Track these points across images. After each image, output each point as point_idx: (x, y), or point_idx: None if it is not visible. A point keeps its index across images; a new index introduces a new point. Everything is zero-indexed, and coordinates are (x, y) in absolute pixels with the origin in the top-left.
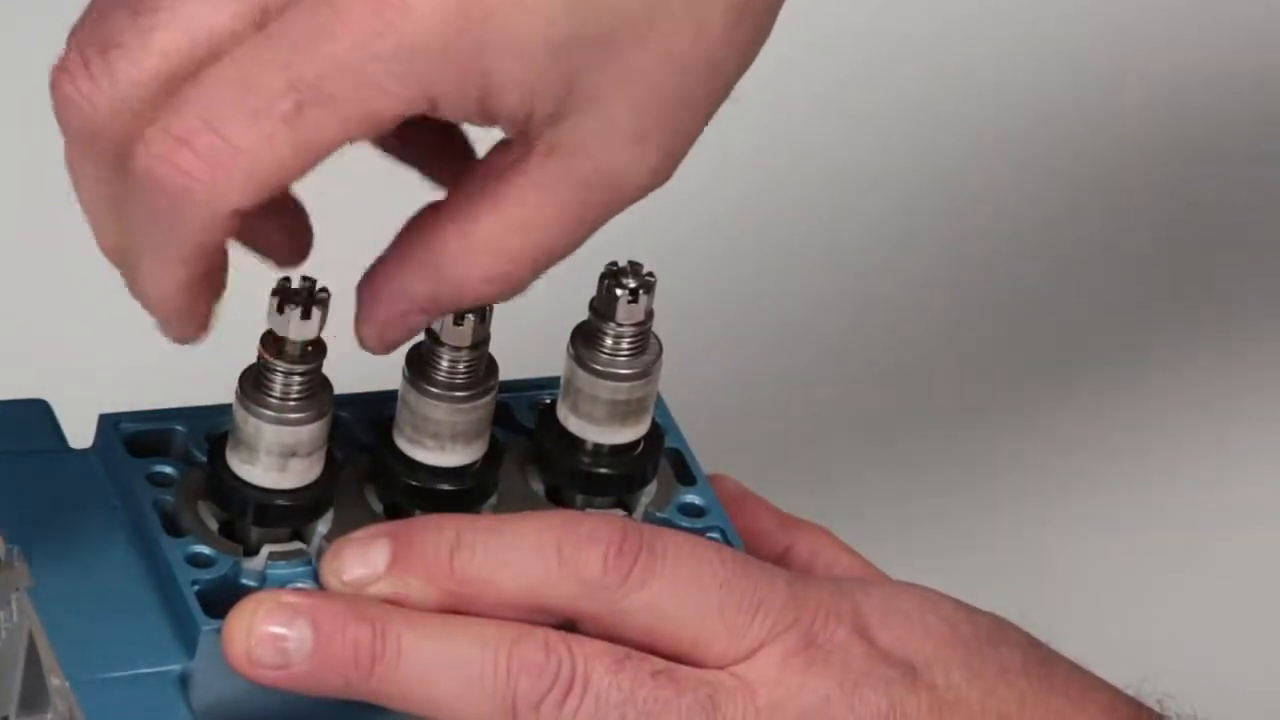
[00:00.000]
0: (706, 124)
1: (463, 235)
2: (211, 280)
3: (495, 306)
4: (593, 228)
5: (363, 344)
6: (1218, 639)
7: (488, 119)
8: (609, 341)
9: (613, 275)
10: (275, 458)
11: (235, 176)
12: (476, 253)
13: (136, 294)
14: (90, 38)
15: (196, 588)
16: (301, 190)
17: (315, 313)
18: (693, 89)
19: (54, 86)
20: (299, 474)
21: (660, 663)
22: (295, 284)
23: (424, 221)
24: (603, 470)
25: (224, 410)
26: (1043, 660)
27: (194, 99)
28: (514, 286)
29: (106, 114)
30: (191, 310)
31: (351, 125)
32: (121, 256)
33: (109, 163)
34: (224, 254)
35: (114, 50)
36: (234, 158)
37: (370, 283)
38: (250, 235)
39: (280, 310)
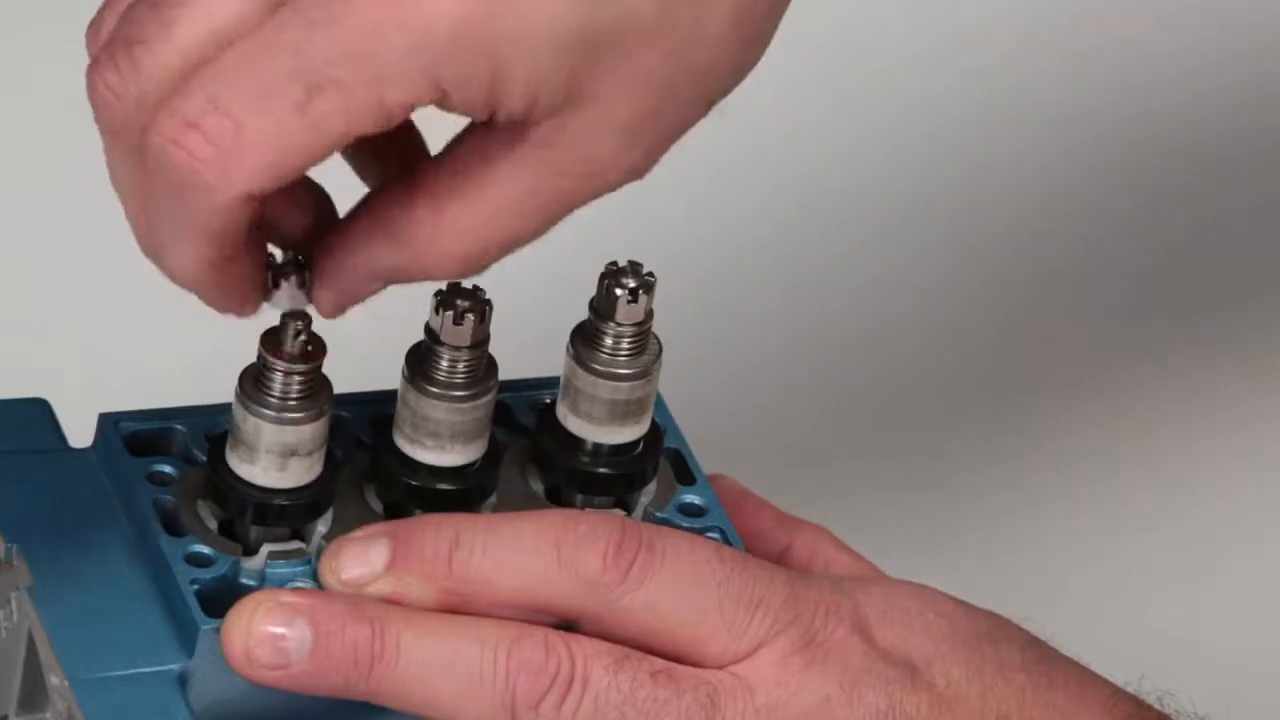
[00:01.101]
0: (691, 126)
1: (438, 214)
2: (240, 259)
3: (495, 306)
4: (561, 217)
5: (318, 310)
6: (1217, 635)
7: (487, 111)
8: (609, 341)
9: (612, 275)
10: (275, 457)
11: (244, 160)
12: (451, 232)
13: (168, 275)
14: (117, 35)
15: (196, 587)
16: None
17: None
18: (688, 91)
19: (88, 85)
20: (299, 474)
21: (659, 662)
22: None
23: (393, 198)
24: (602, 470)
25: (224, 410)
26: (1042, 658)
27: (204, 83)
28: (479, 268)
29: (133, 107)
30: (224, 288)
31: (363, 114)
32: (151, 242)
33: (142, 158)
34: (251, 232)
35: (138, 46)
36: (242, 141)
37: (332, 251)
38: (273, 220)
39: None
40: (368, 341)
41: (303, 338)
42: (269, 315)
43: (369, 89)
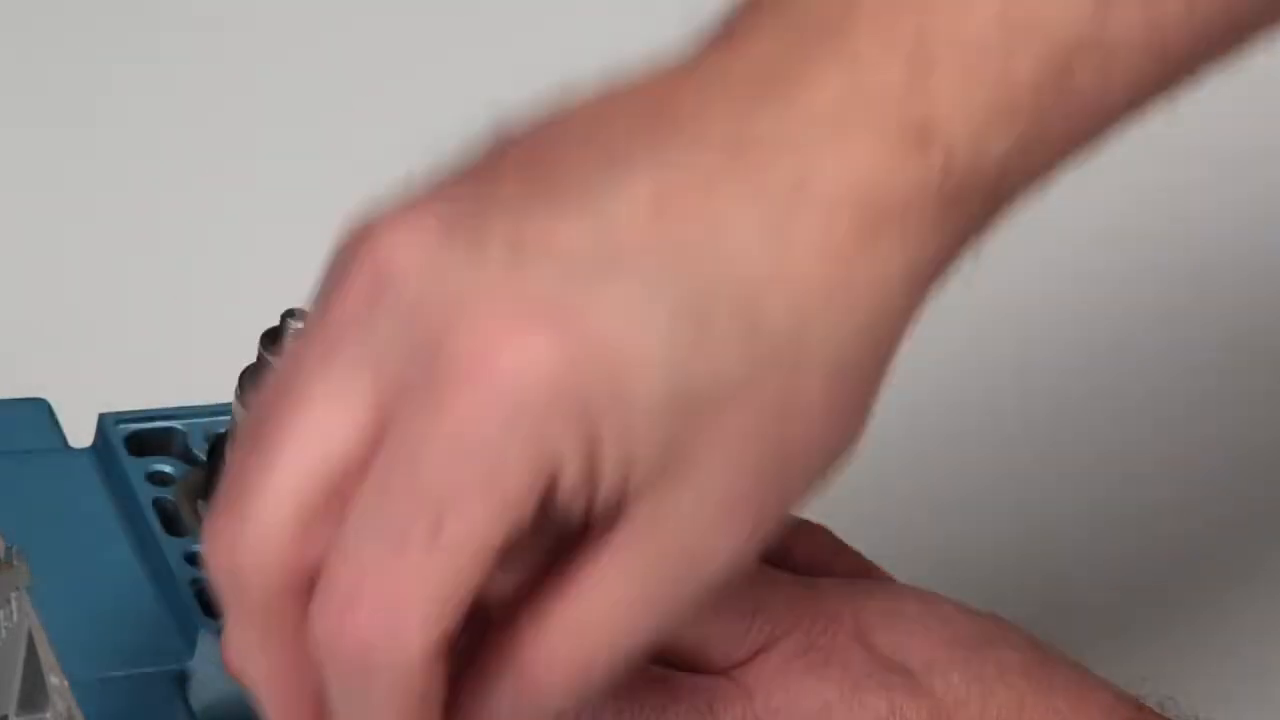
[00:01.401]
0: (798, 506)
1: (538, 627)
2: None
3: None
4: (675, 614)
5: None
6: (1219, 641)
7: (587, 489)
8: None
9: None
10: None
11: (409, 617)
12: (555, 644)
13: None
14: (227, 493)
15: (196, 587)
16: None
17: None
18: (789, 460)
19: (205, 549)
20: None
21: (655, 671)
22: None
23: (496, 634)
24: None
25: (224, 410)
26: (1043, 661)
27: (339, 553)
28: (594, 678)
29: (250, 565)
30: None
31: (492, 520)
32: None
33: (268, 627)
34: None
35: (245, 496)
36: (398, 601)
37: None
38: None
39: None
40: None
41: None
42: (269, 315)
43: (488, 489)
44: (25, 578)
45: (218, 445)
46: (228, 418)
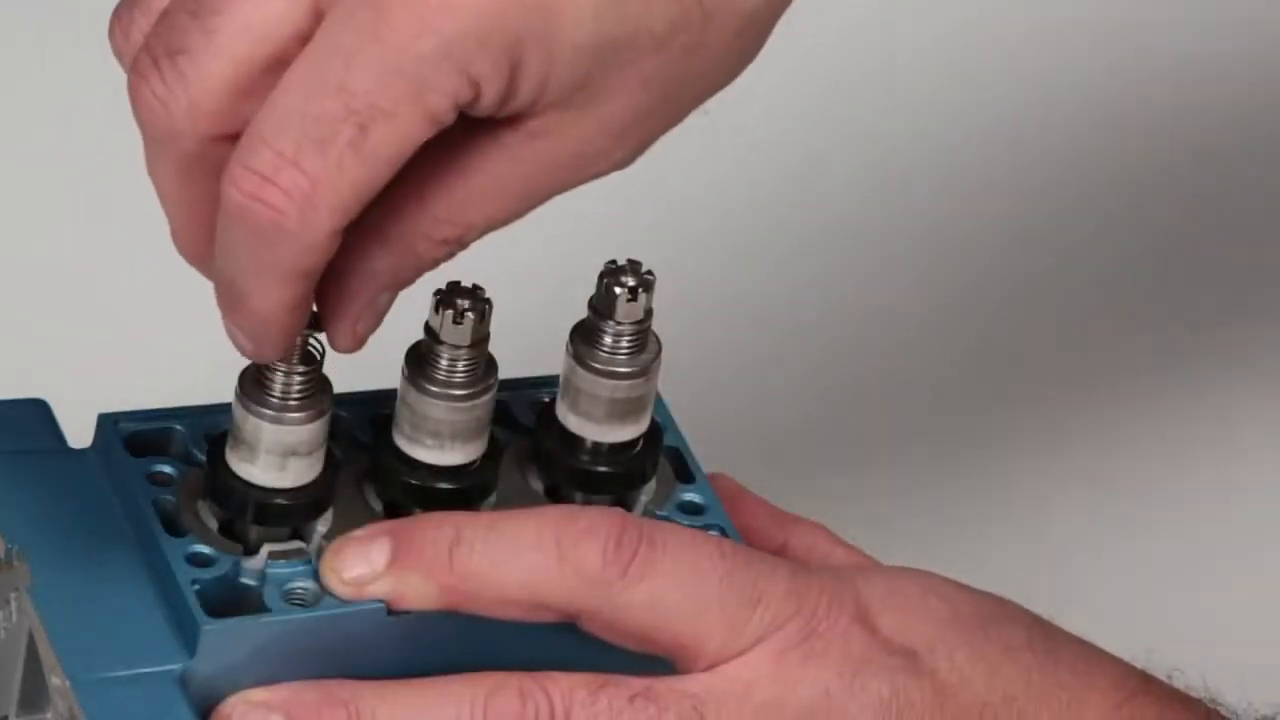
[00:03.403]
0: (676, 125)
1: (423, 205)
2: (309, 300)
3: (495, 305)
4: (537, 204)
5: (337, 345)
6: (1225, 614)
7: (496, 106)
8: (608, 340)
9: (612, 273)
10: (275, 457)
11: (320, 205)
12: (439, 221)
13: (233, 312)
14: (157, 42)
15: (196, 587)
16: None
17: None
18: (683, 95)
19: (131, 92)
20: (298, 473)
21: (637, 683)
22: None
23: (378, 204)
24: (602, 468)
25: (223, 410)
26: (1047, 636)
27: (266, 131)
28: (460, 249)
29: (182, 118)
30: (288, 330)
31: (414, 130)
32: (212, 271)
33: (188, 165)
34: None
35: (181, 55)
36: (314, 188)
37: (335, 278)
38: None
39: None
40: (368, 341)
41: (302, 338)
42: None
43: (414, 105)
44: (25, 578)
45: (217, 445)
46: (227, 417)
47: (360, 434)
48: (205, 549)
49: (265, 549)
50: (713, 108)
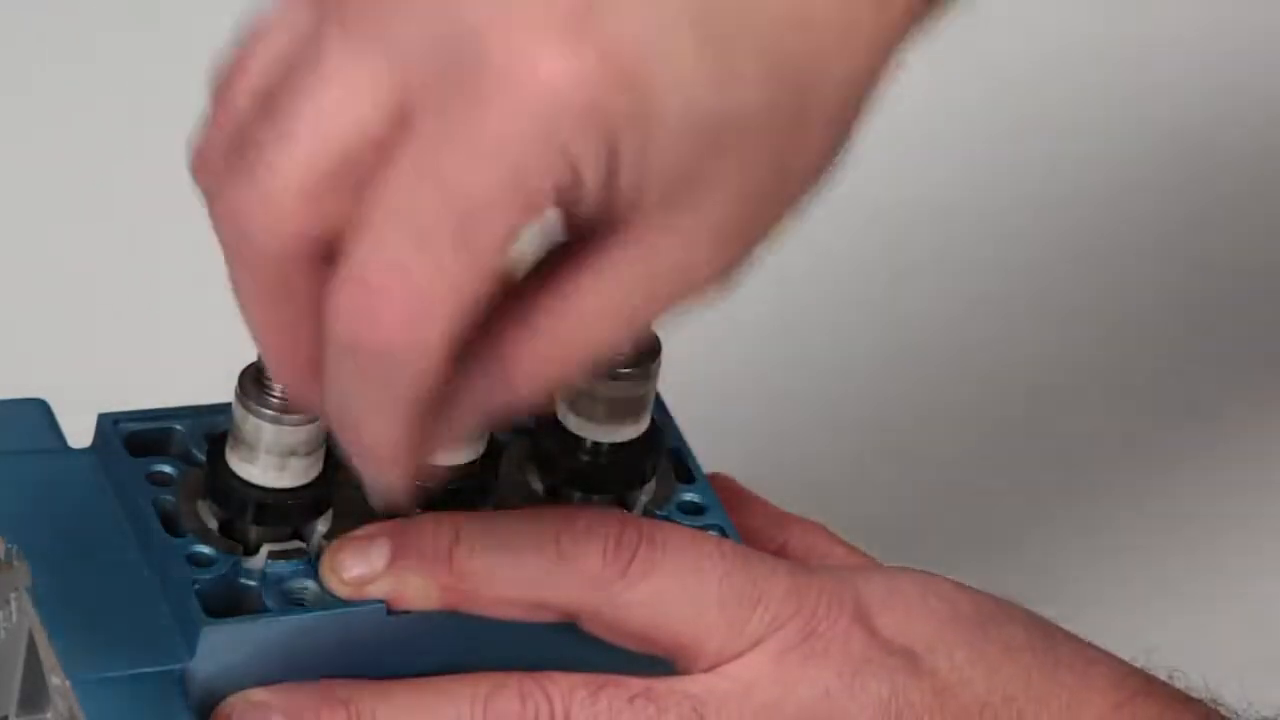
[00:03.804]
0: (774, 233)
1: (523, 327)
2: (431, 416)
3: None
4: (648, 324)
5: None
6: (1225, 614)
7: (599, 198)
8: None
9: None
10: (275, 457)
11: (436, 318)
12: (539, 343)
13: (355, 448)
14: (235, 158)
15: (196, 587)
16: None
17: None
18: (784, 190)
19: (213, 218)
20: (298, 473)
21: (637, 684)
22: None
23: (481, 328)
24: (602, 469)
25: (223, 410)
26: (1047, 635)
27: (365, 240)
28: (568, 377)
29: (259, 224)
30: (413, 454)
31: (517, 217)
32: (323, 407)
33: (274, 278)
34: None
35: (258, 159)
36: (427, 301)
37: (442, 418)
38: None
39: None
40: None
41: None
42: None
43: (514, 193)
44: (25, 578)
45: (217, 445)
46: (227, 417)
47: None
48: (205, 549)
49: (265, 549)
50: None
